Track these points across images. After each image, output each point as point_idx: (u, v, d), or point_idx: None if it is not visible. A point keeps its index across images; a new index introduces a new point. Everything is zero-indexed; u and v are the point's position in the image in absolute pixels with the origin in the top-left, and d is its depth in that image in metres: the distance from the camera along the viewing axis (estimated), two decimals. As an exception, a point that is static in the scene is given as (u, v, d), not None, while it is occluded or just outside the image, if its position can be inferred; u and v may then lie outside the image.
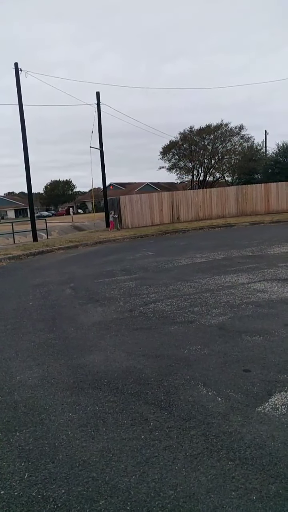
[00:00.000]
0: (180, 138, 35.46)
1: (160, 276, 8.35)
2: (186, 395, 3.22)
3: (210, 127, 34.74)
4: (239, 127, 35.04)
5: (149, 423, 2.86)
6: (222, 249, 11.55)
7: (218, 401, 3.08)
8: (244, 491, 2.13)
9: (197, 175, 37.41)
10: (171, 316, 5.41)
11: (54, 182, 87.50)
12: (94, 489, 2.23)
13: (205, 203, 23.40)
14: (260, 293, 6.21)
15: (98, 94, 22.35)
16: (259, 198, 23.74)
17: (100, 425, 2.88)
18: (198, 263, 9.51)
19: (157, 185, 60.83)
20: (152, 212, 22.27)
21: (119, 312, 5.84)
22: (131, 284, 7.74)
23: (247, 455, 2.42)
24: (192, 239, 15.60)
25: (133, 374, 3.68)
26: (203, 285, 7.08)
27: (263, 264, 8.53)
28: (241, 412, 2.91)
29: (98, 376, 3.70)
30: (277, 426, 2.70)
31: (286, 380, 3.33)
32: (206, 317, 5.22)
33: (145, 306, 6.05)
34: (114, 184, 63.34)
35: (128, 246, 15.09)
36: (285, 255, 9.57)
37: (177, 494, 2.14)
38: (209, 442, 2.58)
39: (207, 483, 2.21)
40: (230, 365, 3.70)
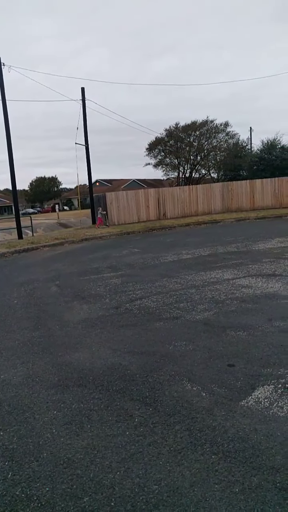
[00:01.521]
0: (166, 134, 35.49)
1: (146, 272, 8.36)
2: (171, 390, 3.24)
3: (196, 123, 34.85)
4: (225, 123, 35.28)
5: (134, 419, 2.87)
6: (208, 245, 11.62)
7: (202, 396, 3.11)
8: (227, 484, 2.16)
9: (183, 171, 37.51)
10: (156, 313, 5.43)
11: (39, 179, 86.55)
12: (79, 486, 2.23)
13: (191, 199, 23.50)
14: (245, 288, 6.28)
15: (83, 89, 22.15)
16: (244, 195, 23.95)
17: (85, 422, 2.88)
18: (184, 260, 9.56)
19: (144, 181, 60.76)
20: (139, 209, 22.24)
21: (105, 309, 5.83)
22: (117, 281, 7.73)
23: (230, 449, 2.45)
24: (179, 235, 15.65)
25: (118, 371, 3.68)
26: (189, 281, 7.12)
27: (248, 260, 8.62)
28: (225, 406, 2.94)
29: (83, 374, 3.69)
30: (260, 419, 2.75)
31: (269, 374, 3.38)
32: (191, 313, 5.25)
33: (131, 303, 6.05)
34: (100, 181, 63.01)
35: (115, 243, 15.05)
36: (270, 251, 9.70)
37: (161, 489, 2.16)
38: (193, 436, 2.61)
39: (191, 477, 2.23)
40: (214, 360, 3.74)
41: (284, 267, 7.56)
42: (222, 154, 35.61)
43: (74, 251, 13.53)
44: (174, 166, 37.22)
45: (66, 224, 30.40)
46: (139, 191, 23.43)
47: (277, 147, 28.19)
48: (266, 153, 28.21)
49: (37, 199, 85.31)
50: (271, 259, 8.47)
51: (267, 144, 28.60)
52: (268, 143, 28.59)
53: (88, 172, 23.38)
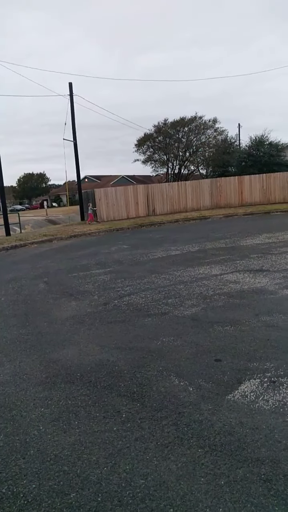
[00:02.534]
0: (155, 130, 35.39)
1: (135, 269, 8.36)
2: (159, 386, 3.25)
3: (184, 119, 34.82)
4: (213, 120, 35.30)
5: (121, 415, 2.88)
6: (196, 241, 11.67)
7: (189, 391, 3.13)
8: (212, 477, 2.19)
9: (172, 168, 37.50)
10: (145, 309, 5.44)
11: (27, 175, 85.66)
12: (65, 482, 2.23)
13: (180, 196, 23.53)
14: (233, 284, 6.33)
15: (70, 85, 21.94)
16: (233, 191, 24.08)
17: (72, 419, 2.88)
18: (173, 256, 9.58)
19: (133, 178, 60.62)
20: (128, 205, 22.20)
21: (93, 305, 5.82)
22: (105, 277, 7.72)
23: (217, 442, 2.48)
24: (168, 232, 15.68)
25: (106, 367, 3.69)
26: (177, 277, 7.15)
27: (236, 256, 8.69)
28: (212, 400, 2.97)
29: (71, 370, 3.68)
30: (246, 413, 2.78)
31: (255, 368, 3.42)
32: (180, 309, 5.28)
33: (119, 299, 6.05)
34: (89, 177, 62.64)
35: (104, 239, 15.01)
36: (257, 246, 9.78)
37: (148, 483, 2.18)
38: (180, 431, 2.63)
39: (177, 471, 2.25)
40: (202, 355, 3.77)
41: (271, 263, 7.64)
42: (210, 150, 35.68)
43: (63, 248, 13.45)
44: (163, 162, 37.17)
45: (54, 220, 30.19)
46: (128, 187, 23.37)
47: (265, 144, 28.37)
48: (254, 149, 28.38)
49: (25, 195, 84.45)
50: (259, 255, 8.55)
51: (255, 140, 28.76)
52: (256, 140, 28.76)
53: (77, 169, 23.23)
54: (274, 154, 27.57)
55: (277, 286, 5.94)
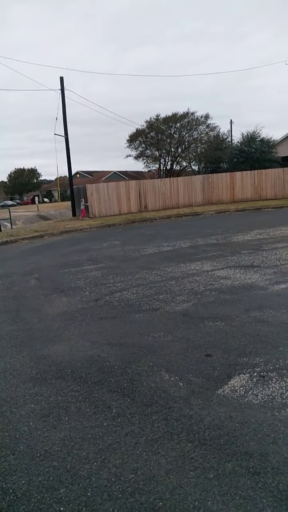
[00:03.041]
0: (147, 126, 35.24)
1: (126, 265, 8.35)
2: (149, 381, 3.27)
3: (177, 115, 34.72)
4: (205, 116, 35.26)
5: (111, 410, 2.88)
6: (188, 237, 11.70)
7: (180, 386, 3.15)
8: (202, 471, 2.21)
9: (164, 163, 37.43)
10: (136, 304, 5.44)
11: (18, 170, 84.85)
12: (55, 478, 2.23)
13: (172, 192, 23.54)
14: (223, 280, 6.36)
15: (61, 79, 21.74)
16: (224, 187, 24.16)
17: (62, 414, 2.88)
18: (165, 252, 9.60)
19: (125, 173, 60.40)
20: (120, 201, 22.14)
21: (85, 301, 5.81)
22: (97, 273, 7.70)
23: (206, 436, 2.50)
24: (159, 228, 15.69)
25: (97, 363, 3.69)
26: (169, 273, 7.16)
27: (227, 252, 8.73)
28: (202, 395, 2.99)
29: (62, 366, 3.68)
30: (235, 407, 2.81)
31: (245, 363, 3.45)
32: (171, 304, 5.30)
33: (111, 295, 6.05)
34: (81, 173, 62.28)
35: (95, 235, 14.96)
36: (248, 242, 9.84)
37: (138, 477, 2.19)
38: (170, 425, 2.64)
39: (167, 465, 2.27)
40: (192, 351, 3.79)
41: (262, 259, 7.69)
42: (203, 146, 35.65)
43: (54, 244, 13.39)
44: (155, 158, 37.06)
45: (46, 216, 29.99)
46: (120, 183, 23.29)
47: (256, 140, 28.46)
48: (246, 145, 28.46)
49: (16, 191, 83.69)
50: (250, 251, 8.60)
51: (247, 136, 28.83)
52: (248, 136, 28.83)
53: (68, 164, 23.08)
54: (266, 151, 27.68)
55: (268, 282, 5.99)
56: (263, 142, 28.31)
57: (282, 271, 6.61)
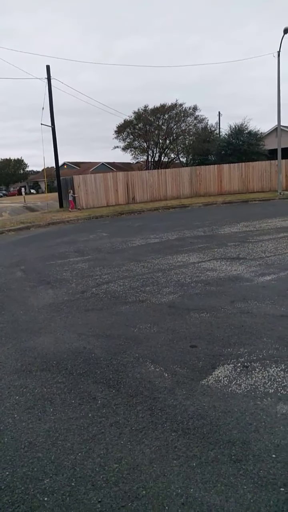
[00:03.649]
0: (135, 117, 34.94)
1: (113, 257, 8.34)
2: (134, 372, 3.29)
3: (165, 106, 34.49)
4: (193, 107, 35.12)
5: (97, 401, 2.90)
6: (175, 229, 11.72)
7: (164, 377, 3.18)
8: (185, 459, 2.24)
9: (152, 155, 37.26)
10: (123, 296, 5.45)
11: (4, 161, 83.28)
12: (39, 468, 2.24)
13: (160, 184, 23.49)
14: (210, 271, 6.41)
15: (48, 67, 21.34)
16: (212, 179, 24.22)
17: (47, 406, 2.88)
18: (152, 244, 9.60)
19: (113, 165, 59.93)
20: (107, 192, 22.00)
21: (71, 293, 5.79)
22: (84, 265, 7.67)
23: (190, 426, 2.53)
24: (147, 220, 15.67)
25: (82, 355, 3.69)
26: (156, 265, 7.18)
27: (214, 244, 8.78)
28: (186, 386, 3.02)
29: (47, 358, 3.67)
30: (219, 397, 2.85)
31: (229, 354, 3.49)
32: (157, 296, 5.32)
33: (97, 287, 6.04)
34: (68, 164, 61.54)
35: (82, 227, 14.87)
36: (235, 234, 9.91)
37: (122, 467, 2.21)
38: (154, 415, 2.67)
39: (151, 454, 2.30)
40: (177, 342, 3.82)
41: (248, 251, 7.77)
42: (191, 138, 35.58)
43: (41, 236, 13.26)
44: (143, 150, 36.83)
45: (32, 207, 29.63)
46: (107, 174, 23.13)
47: (244, 132, 28.52)
48: (233, 138, 28.51)
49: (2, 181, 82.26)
50: (236, 243, 8.67)
51: (235, 129, 28.87)
52: (235, 128, 28.86)
53: (55, 155, 22.79)
54: (253, 143, 27.78)
55: (253, 274, 6.06)
56: (251, 134, 28.39)
57: (267, 263, 6.69)
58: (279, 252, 7.47)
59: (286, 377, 3.04)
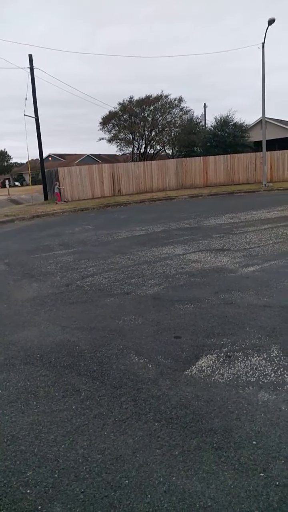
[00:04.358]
0: (120, 108, 34.61)
1: (99, 249, 8.31)
2: (119, 364, 3.29)
3: (150, 98, 34.25)
4: (179, 99, 34.97)
5: (80, 393, 2.90)
6: (161, 221, 11.72)
7: (148, 368, 3.20)
8: (168, 448, 2.26)
9: (137, 147, 37.05)
10: (108, 289, 5.44)
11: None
12: (22, 461, 2.23)
13: (146, 176, 23.40)
14: (194, 263, 6.44)
15: (30, 57, 20.91)
16: (198, 171, 24.24)
17: (31, 399, 2.87)
18: (138, 236, 9.59)
19: (98, 156, 59.36)
20: (93, 184, 21.82)
21: (55, 287, 5.75)
22: (69, 258, 7.62)
23: (173, 415, 2.56)
24: (133, 212, 15.63)
25: (66, 347, 3.68)
26: (141, 257, 7.18)
27: (199, 236, 8.82)
28: (170, 376, 3.05)
29: (31, 352, 3.65)
30: (202, 386, 2.88)
31: (212, 344, 3.53)
32: (142, 288, 5.32)
33: (82, 280, 6.01)
34: (53, 155, 60.74)
35: (68, 219, 14.75)
36: (220, 226, 9.97)
37: (105, 458, 2.22)
38: (138, 406, 2.69)
39: (134, 445, 2.31)
40: (162, 333, 3.84)
41: (232, 242, 7.83)
42: (176, 130, 35.46)
43: (25, 228, 13.10)
44: (129, 142, 36.56)
45: (17, 200, 29.20)
46: (92, 166, 22.91)
47: (229, 124, 28.53)
48: (219, 129, 28.48)
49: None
50: (221, 235, 8.73)
51: (220, 120, 28.84)
52: (221, 120, 28.83)
53: (39, 146, 22.44)
54: (239, 135, 27.84)
55: (237, 265, 6.11)
56: (236, 126, 28.42)
57: (251, 254, 6.76)
58: (263, 243, 7.55)
59: (268, 366, 3.10)
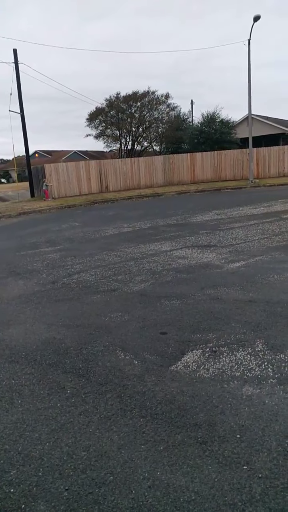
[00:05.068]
0: (107, 104, 34.36)
1: (86, 246, 8.26)
2: (104, 361, 3.29)
3: (137, 94, 34.05)
4: (165, 95, 34.85)
5: (66, 391, 2.89)
6: (148, 218, 11.72)
7: (134, 364, 3.20)
8: (152, 444, 2.27)
9: (125, 143, 36.88)
10: (94, 286, 5.42)
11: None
12: (6, 460, 2.21)
13: (133, 172, 23.34)
14: (181, 259, 6.46)
15: (15, 51, 20.60)
16: (185, 168, 24.27)
17: (15, 397, 2.84)
18: (125, 233, 9.57)
19: (86, 153, 58.95)
20: (80, 181, 21.68)
21: (41, 284, 5.70)
22: (55, 255, 7.56)
23: (158, 411, 2.57)
24: (120, 209, 15.58)
25: (52, 345, 3.66)
26: (128, 254, 7.17)
27: (186, 232, 8.85)
28: (155, 372, 3.06)
29: (16, 350, 3.61)
30: (187, 382, 2.90)
31: (198, 339, 3.55)
32: (129, 285, 5.32)
33: (68, 277, 5.97)
34: (40, 152, 60.10)
35: (54, 216, 14.64)
36: (207, 222, 10.02)
37: (90, 455, 2.22)
38: (123, 403, 2.69)
39: (119, 441, 2.32)
40: (148, 329, 3.84)
41: (219, 238, 7.87)
42: (163, 126, 35.39)
43: (11, 226, 12.96)
44: (116, 138, 36.37)
45: (3, 197, 28.80)
46: (79, 163, 22.75)
47: (216, 121, 28.60)
48: (206, 126, 28.54)
49: None
50: (208, 231, 8.77)
51: (207, 117, 28.90)
52: (208, 117, 28.89)
53: (25, 143, 22.18)
54: (225, 132, 27.93)
55: (223, 261, 6.15)
56: (223, 123, 28.51)
57: (237, 250, 6.81)
58: (249, 239, 7.61)
59: (252, 360, 3.13)
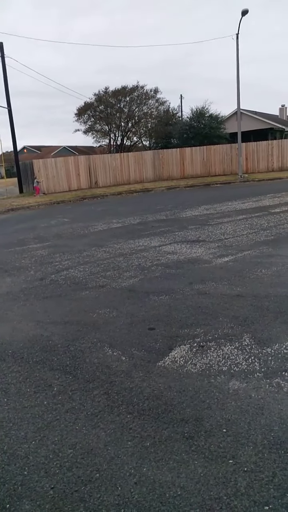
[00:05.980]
0: (95, 99, 34.09)
1: (74, 242, 8.21)
2: (92, 357, 3.27)
3: (126, 88, 33.85)
4: (155, 90, 34.72)
5: (52, 388, 2.87)
6: (138, 213, 11.69)
7: (122, 360, 3.19)
8: (139, 440, 2.27)
9: (114, 138, 36.67)
10: (83, 282, 5.39)
11: None
12: (-9, 460, 2.19)
13: (123, 167, 23.23)
14: (170, 254, 6.45)
15: (1, 45, 20.24)
16: (174, 163, 24.24)
17: (1, 396, 2.81)
18: (114, 228, 9.53)
19: (75, 148, 58.45)
20: (69, 177, 21.50)
21: (29, 281, 5.65)
22: (43, 252, 7.50)
23: (145, 407, 2.56)
24: (110, 204, 15.51)
25: (39, 342, 3.63)
26: (117, 250, 7.14)
27: (175, 227, 8.84)
28: (143, 368, 3.05)
29: (2, 348, 3.57)
30: (175, 377, 2.90)
31: (186, 335, 3.55)
32: (118, 281, 5.30)
33: (57, 273, 5.93)
34: (28, 148, 59.41)
35: (43, 213, 14.51)
36: (196, 218, 10.02)
37: (76, 452, 2.21)
38: (110, 399, 2.68)
39: (106, 438, 2.31)
40: (136, 325, 3.83)
41: (208, 233, 7.89)
42: (153, 121, 35.27)
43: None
44: (105, 133, 36.13)
45: (-9, 194, 28.46)
46: (68, 158, 22.55)
47: (205, 116, 28.57)
48: (195, 121, 28.49)
49: None
50: (197, 226, 8.78)
51: (196, 112, 28.83)
52: (197, 111, 28.82)
53: (13, 138, 21.89)
54: (215, 127, 27.91)
55: (212, 256, 6.16)
56: (212, 118, 28.47)
57: (225, 244, 6.83)
58: (237, 234, 7.64)
59: (239, 354, 3.14)
